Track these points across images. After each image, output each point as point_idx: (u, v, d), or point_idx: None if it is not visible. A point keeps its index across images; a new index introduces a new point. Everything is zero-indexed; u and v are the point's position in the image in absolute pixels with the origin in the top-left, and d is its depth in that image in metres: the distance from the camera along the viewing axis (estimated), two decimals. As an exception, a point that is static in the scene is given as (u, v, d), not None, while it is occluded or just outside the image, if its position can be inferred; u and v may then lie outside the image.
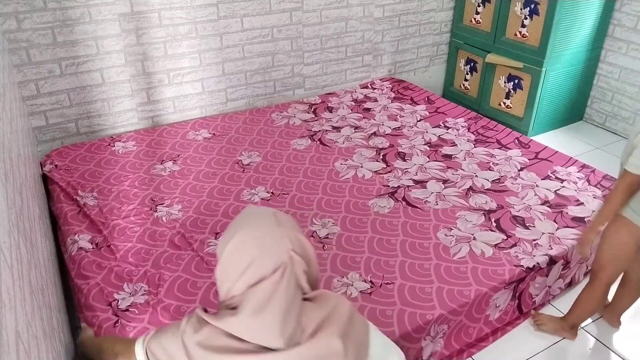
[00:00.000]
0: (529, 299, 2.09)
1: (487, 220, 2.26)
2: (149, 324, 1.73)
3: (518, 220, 2.27)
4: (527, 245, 2.11)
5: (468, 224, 2.24)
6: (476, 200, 2.40)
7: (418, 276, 1.94)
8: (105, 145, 2.81)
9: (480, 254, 2.06)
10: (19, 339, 0.97)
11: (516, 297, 2.03)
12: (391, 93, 3.55)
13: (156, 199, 2.38)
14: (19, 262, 1.24)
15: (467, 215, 2.29)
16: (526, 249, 2.09)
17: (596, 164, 2.80)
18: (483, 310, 1.92)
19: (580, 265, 2.24)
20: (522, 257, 2.04)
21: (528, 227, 2.22)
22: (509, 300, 2.01)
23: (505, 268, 1.98)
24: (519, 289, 2.01)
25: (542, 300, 2.16)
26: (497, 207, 2.36)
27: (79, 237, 2.12)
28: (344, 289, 1.88)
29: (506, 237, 2.16)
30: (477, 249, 2.09)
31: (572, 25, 3.29)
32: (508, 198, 2.42)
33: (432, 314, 1.77)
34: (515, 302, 2.04)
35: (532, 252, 2.07)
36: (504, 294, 1.96)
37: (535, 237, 2.16)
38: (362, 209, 2.33)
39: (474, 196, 2.43)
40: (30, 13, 2.51)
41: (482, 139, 2.96)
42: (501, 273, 1.95)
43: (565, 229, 2.22)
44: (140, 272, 1.95)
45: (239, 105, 3.34)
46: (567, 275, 2.20)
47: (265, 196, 2.41)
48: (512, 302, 2.03)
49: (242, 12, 3.09)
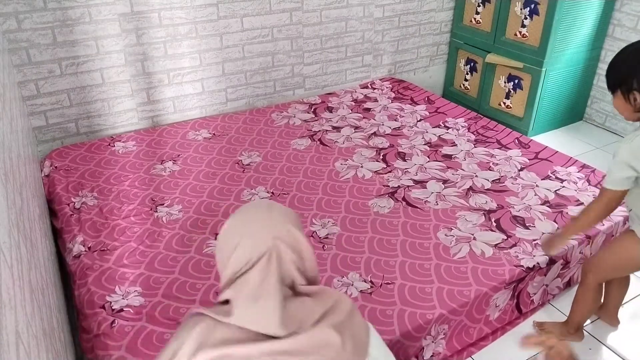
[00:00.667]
0: (527, 298, 2.09)
1: (487, 220, 2.26)
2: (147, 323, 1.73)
3: (518, 220, 2.27)
4: (527, 245, 2.12)
5: (468, 224, 2.24)
6: (476, 200, 2.40)
7: (418, 276, 1.94)
8: (105, 145, 2.81)
9: (480, 254, 2.06)
10: (19, 339, 0.97)
11: (515, 297, 2.03)
12: (391, 93, 3.55)
13: (156, 199, 2.38)
14: (19, 262, 1.24)
15: (467, 215, 2.29)
16: (526, 249, 2.09)
17: (596, 164, 2.81)
18: (483, 311, 1.93)
19: (580, 265, 2.23)
20: (522, 257, 2.04)
21: (528, 227, 2.22)
22: (508, 300, 2.01)
23: (506, 268, 1.98)
24: (518, 289, 2.02)
25: (541, 300, 2.16)
26: (497, 207, 2.36)
27: (76, 239, 2.11)
28: (344, 288, 1.89)
29: (506, 237, 2.16)
30: (477, 249, 2.09)
31: (572, 25, 3.29)
32: (508, 198, 2.42)
33: (433, 314, 1.77)
34: (514, 302, 2.04)
35: (532, 252, 2.07)
36: (504, 293, 1.96)
37: (535, 237, 2.16)
38: (362, 209, 2.33)
39: (474, 196, 2.43)
40: (30, 13, 2.51)
41: (482, 139, 2.95)
42: (501, 273, 1.96)
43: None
44: (135, 273, 1.95)
45: (239, 105, 3.34)
46: (566, 275, 2.20)
47: (265, 196, 2.41)
48: (510, 302, 2.03)
49: (242, 12, 3.09)
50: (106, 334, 1.70)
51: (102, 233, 2.15)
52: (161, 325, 1.73)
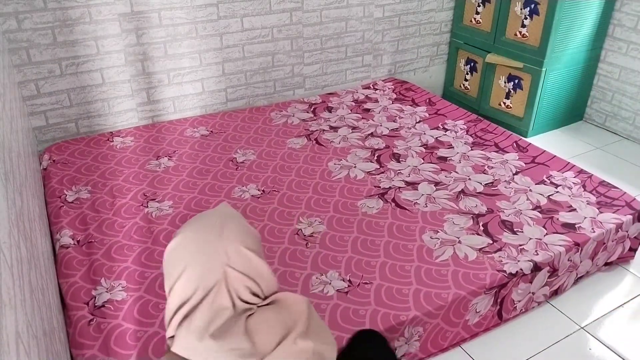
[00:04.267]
0: (510, 305, 2.07)
1: (474, 224, 2.25)
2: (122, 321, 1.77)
3: (506, 225, 2.25)
4: (512, 250, 2.10)
5: (455, 227, 2.23)
6: (466, 204, 2.39)
7: (397, 277, 1.95)
8: (104, 140, 2.88)
9: (463, 257, 2.05)
10: (19, 339, 0.99)
11: (497, 303, 2.01)
12: (392, 94, 3.55)
13: (148, 194, 2.43)
14: (19, 262, 1.26)
15: (455, 219, 2.28)
16: (511, 254, 2.07)
17: (596, 164, 2.78)
18: (462, 315, 1.92)
19: (570, 273, 2.20)
20: (506, 262, 2.02)
21: (516, 232, 2.20)
22: (490, 306, 1.99)
23: (487, 272, 1.96)
24: (500, 295, 2.00)
25: (525, 307, 2.13)
26: (487, 210, 2.34)
27: (63, 232, 2.16)
28: (322, 287, 1.90)
29: (492, 242, 2.14)
30: (460, 252, 2.08)
31: (572, 25, 3.26)
32: (499, 202, 2.40)
33: (407, 315, 1.77)
34: (496, 308, 2.03)
35: (516, 257, 2.05)
36: (484, 299, 1.95)
37: (522, 242, 2.14)
38: (351, 209, 2.35)
39: (464, 199, 2.42)
40: (30, 13, 2.58)
41: (479, 142, 2.94)
42: (482, 277, 1.94)
43: (554, 234, 2.18)
44: (120, 267, 2.00)
45: (239, 105, 3.38)
46: (554, 283, 2.16)
47: (255, 193, 2.45)
48: (492, 308, 2.01)
49: (242, 12, 3.13)
50: (82, 332, 1.72)
51: (91, 226, 2.20)
52: (136, 324, 1.76)
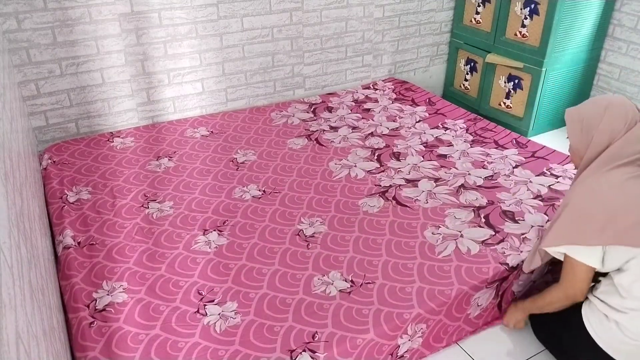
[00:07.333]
0: (510, 297, 2.07)
1: (476, 217, 2.25)
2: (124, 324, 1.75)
3: (507, 215, 2.25)
4: (514, 240, 2.10)
5: (457, 221, 2.23)
6: (467, 197, 2.39)
7: (400, 276, 1.94)
8: (104, 140, 2.87)
9: (466, 252, 2.05)
10: (19, 338, 0.98)
11: (498, 295, 2.02)
12: (392, 94, 3.56)
13: (149, 195, 2.43)
14: (19, 262, 1.25)
15: (457, 213, 2.28)
16: (514, 244, 2.07)
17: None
18: (464, 310, 1.92)
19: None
20: (509, 254, 2.02)
21: (517, 221, 2.21)
22: (491, 299, 2.00)
23: (490, 266, 1.96)
24: (501, 288, 2.00)
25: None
26: (488, 202, 2.34)
27: (65, 233, 2.15)
28: (324, 287, 1.89)
29: (494, 233, 2.14)
30: (463, 246, 2.08)
31: (572, 25, 3.26)
32: (500, 194, 2.41)
33: (410, 313, 1.77)
34: (497, 301, 2.03)
35: (519, 247, 2.06)
36: (486, 293, 1.95)
37: (524, 231, 2.14)
38: (352, 208, 2.34)
39: (464, 193, 2.42)
40: (30, 13, 2.57)
41: (479, 140, 2.94)
42: (485, 271, 1.94)
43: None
44: (122, 268, 1.99)
45: (239, 105, 3.37)
46: (556, 271, 2.16)
47: (256, 194, 2.44)
48: (494, 301, 2.01)
49: (242, 12, 3.12)
50: (84, 334, 1.71)
51: (92, 227, 2.19)
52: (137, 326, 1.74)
